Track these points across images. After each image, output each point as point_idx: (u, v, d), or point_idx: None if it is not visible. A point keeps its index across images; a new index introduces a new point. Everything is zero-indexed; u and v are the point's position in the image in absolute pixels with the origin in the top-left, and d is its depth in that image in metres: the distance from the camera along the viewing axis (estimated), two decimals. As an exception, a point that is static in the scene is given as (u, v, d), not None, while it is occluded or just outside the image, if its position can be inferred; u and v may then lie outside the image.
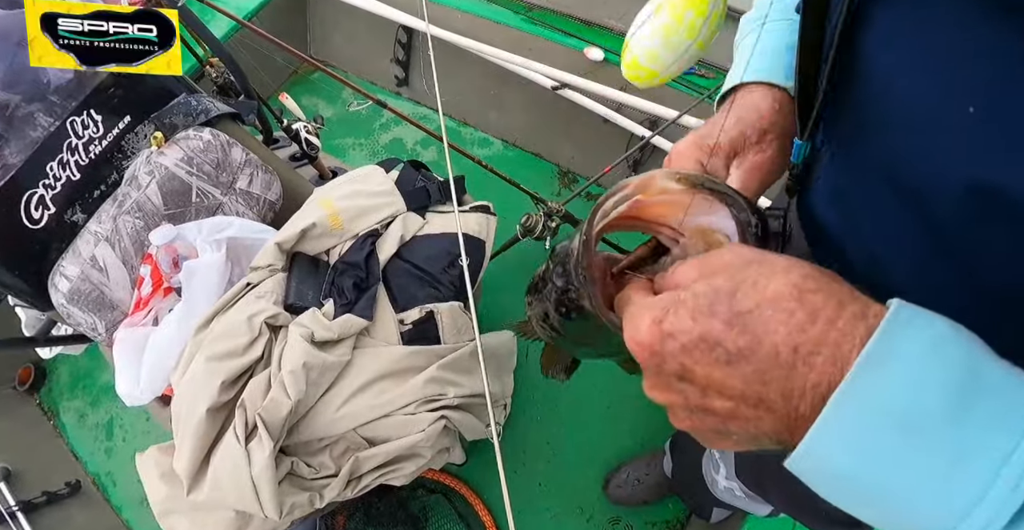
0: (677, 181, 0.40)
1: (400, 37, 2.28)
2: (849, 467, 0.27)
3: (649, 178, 0.40)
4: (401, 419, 1.09)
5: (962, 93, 0.34)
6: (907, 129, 0.38)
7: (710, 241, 0.41)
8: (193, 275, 1.14)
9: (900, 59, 0.38)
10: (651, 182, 0.40)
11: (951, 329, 0.27)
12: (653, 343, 0.31)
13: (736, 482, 1.05)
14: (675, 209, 0.41)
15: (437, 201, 1.35)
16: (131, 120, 1.21)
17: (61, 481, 1.93)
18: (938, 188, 0.37)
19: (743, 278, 0.30)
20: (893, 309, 0.27)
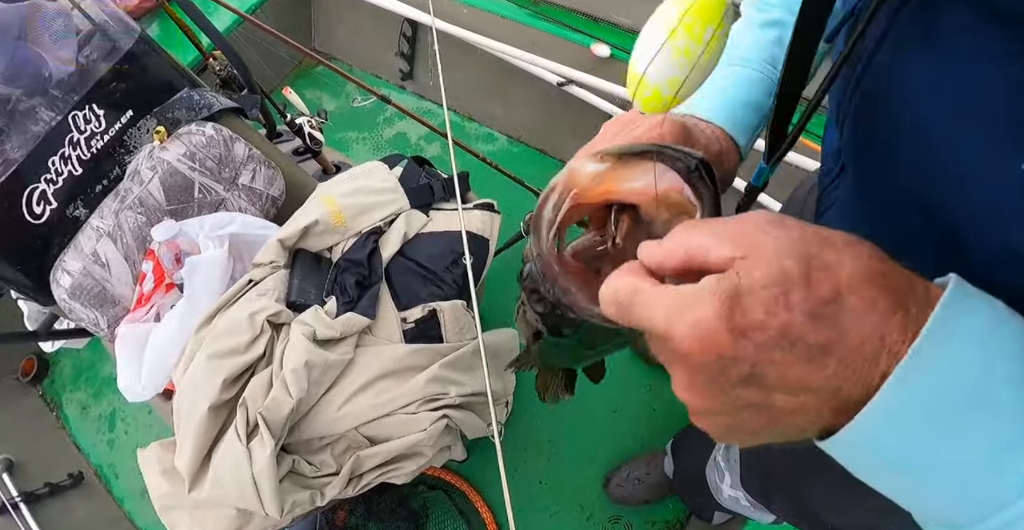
0: (601, 160, 0.38)
1: (405, 31, 2.26)
2: (906, 441, 0.26)
3: (571, 171, 0.38)
4: (403, 418, 1.09)
5: (1013, 150, 0.32)
6: (948, 177, 0.37)
7: (668, 202, 0.38)
8: (195, 271, 1.13)
9: (940, 107, 0.36)
10: (576, 174, 0.38)
11: (1006, 308, 0.27)
12: (722, 345, 0.26)
13: (741, 491, 1.05)
14: (617, 187, 0.39)
15: (441, 198, 1.34)
16: (133, 114, 1.20)
17: (63, 472, 1.94)
18: (979, 236, 0.36)
19: (810, 259, 0.26)
20: (951, 286, 0.26)
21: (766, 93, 0.63)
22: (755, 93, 0.62)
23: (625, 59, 1.73)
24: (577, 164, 0.38)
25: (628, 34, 1.89)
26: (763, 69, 0.64)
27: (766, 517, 1.09)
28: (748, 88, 0.62)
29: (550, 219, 0.38)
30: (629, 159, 0.37)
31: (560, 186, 0.38)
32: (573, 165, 0.39)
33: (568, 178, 0.38)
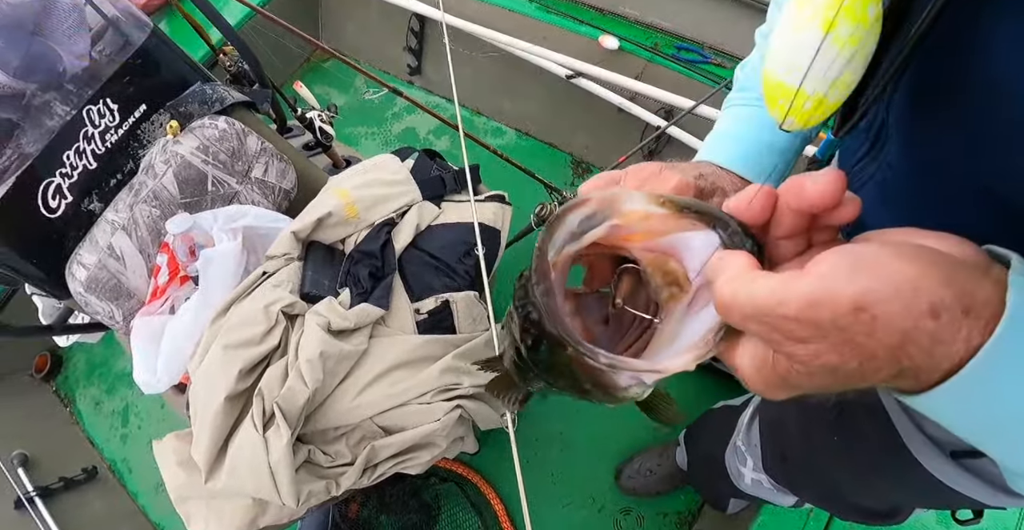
0: (661, 205, 0.34)
1: (413, 25, 2.26)
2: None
3: (618, 199, 0.35)
4: (417, 408, 1.10)
5: None
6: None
7: (667, 271, 0.37)
8: (210, 264, 1.14)
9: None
10: (625, 207, 0.35)
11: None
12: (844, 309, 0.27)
13: (764, 474, 1.05)
14: (651, 236, 0.36)
15: (452, 190, 1.34)
16: (147, 109, 1.21)
17: (78, 467, 1.96)
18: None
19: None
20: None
21: (791, 135, 0.61)
22: (776, 136, 0.60)
23: (634, 51, 1.73)
24: (630, 197, 0.35)
25: (636, 26, 1.89)
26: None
27: (787, 500, 1.09)
28: (768, 131, 0.60)
29: (571, 230, 0.35)
30: (689, 215, 0.34)
31: (597, 205, 0.35)
32: (622, 196, 0.35)
33: (612, 204, 0.35)
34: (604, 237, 0.36)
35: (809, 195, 0.31)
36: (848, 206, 0.32)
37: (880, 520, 0.89)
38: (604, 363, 0.34)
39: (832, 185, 0.31)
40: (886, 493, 0.81)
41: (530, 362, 0.40)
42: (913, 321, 0.26)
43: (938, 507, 0.74)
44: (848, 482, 0.85)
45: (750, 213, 0.34)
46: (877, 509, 0.88)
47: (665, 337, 0.37)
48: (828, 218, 0.33)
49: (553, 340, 0.35)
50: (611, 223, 0.35)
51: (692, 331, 0.35)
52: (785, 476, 1.01)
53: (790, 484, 1.02)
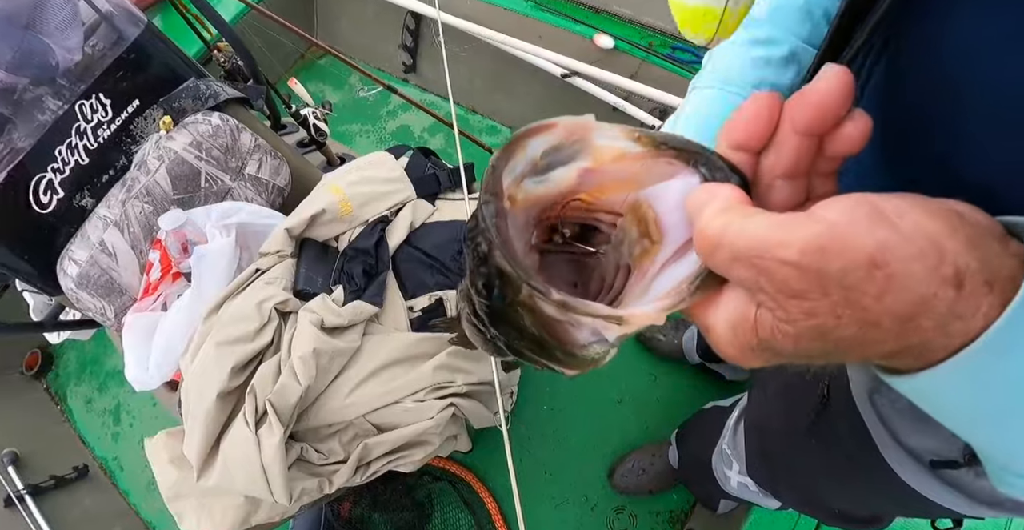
0: (636, 140, 0.30)
1: (408, 23, 2.26)
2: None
3: (588, 130, 0.31)
4: (410, 406, 1.09)
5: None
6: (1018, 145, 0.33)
7: (639, 215, 0.32)
8: (202, 260, 1.13)
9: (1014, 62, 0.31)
10: (597, 144, 0.31)
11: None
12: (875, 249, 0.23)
13: (750, 478, 1.05)
14: (627, 182, 0.32)
15: (447, 188, 1.34)
16: (140, 104, 1.21)
17: (69, 465, 1.95)
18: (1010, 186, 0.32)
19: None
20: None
21: None
22: None
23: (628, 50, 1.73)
24: (601, 130, 0.31)
25: (631, 25, 1.89)
26: (745, 93, 0.59)
27: (773, 503, 1.09)
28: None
29: (533, 159, 0.31)
30: (667, 152, 0.30)
31: (565, 133, 0.30)
32: (593, 127, 0.31)
33: (582, 136, 0.31)
34: (574, 188, 0.32)
35: (817, 93, 0.27)
36: (857, 121, 0.28)
37: (862, 525, 0.89)
38: (556, 301, 0.29)
39: (840, 78, 0.26)
40: (866, 500, 0.82)
41: (484, 316, 0.36)
42: (934, 287, 0.22)
43: (917, 515, 0.74)
44: (829, 489, 0.85)
45: (755, 122, 0.29)
46: (858, 515, 0.88)
47: (633, 297, 0.33)
48: (835, 143, 0.28)
49: (504, 278, 0.30)
50: (581, 165, 0.31)
51: (663, 283, 0.31)
52: (768, 480, 1.01)
53: (773, 488, 1.02)
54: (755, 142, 0.30)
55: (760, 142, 0.30)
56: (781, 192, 0.30)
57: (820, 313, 0.24)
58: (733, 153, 0.31)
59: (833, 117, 0.27)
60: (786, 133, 0.29)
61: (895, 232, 0.23)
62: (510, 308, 0.32)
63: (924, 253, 0.22)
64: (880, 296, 0.23)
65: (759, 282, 0.25)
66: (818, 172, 0.31)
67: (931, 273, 0.22)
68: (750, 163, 0.31)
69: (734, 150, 0.31)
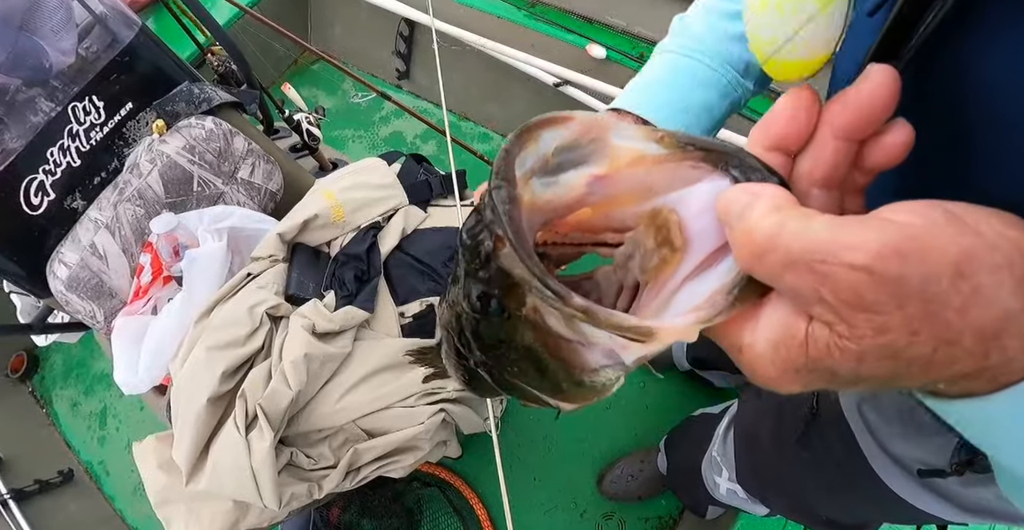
0: (659, 141, 0.27)
1: (402, 30, 2.27)
2: None
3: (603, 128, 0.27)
4: (401, 411, 1.09)
5: None
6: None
7: (659, 222, 0.28)
8: (194, 264, 1.13)
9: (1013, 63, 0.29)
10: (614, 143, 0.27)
11: None
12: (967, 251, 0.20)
13: (739, 485, 1.06)
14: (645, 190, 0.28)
15: (439, 195, 1.34)
16: (133, 107, 1.21)
17: (53, 470, 1.93)
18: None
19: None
20: None
21: (720, 94, 0.57)
22: (710, 96, 0.56)
23: (620, 61, 1.74)
24: (619, 129, 0.27)
25: (623, 36, 1.91)
26: (718, 66, 0.57)
27: (761, 509, 1.10)
28: (703, 89, 0.56)
29: (544, 155, 0.27)
30: (693, 154, 0.27)
31: (580, 130, 0.27)
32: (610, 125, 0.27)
33: (598, 134, 0.27)
34: (581, 199, 0.28)
35: (861, 94, 0.24)
36: (899, 131, 0.25)
37: None
38: (577, 307, 0.24)
39: (887, 79, 0.24)
40: (853, 508, 0.83)
41: (473, 337, 0.31)
42: (1022, 300, 0.20)
43: (903, 522, 0.75)
44: (817, 496, 0.86)
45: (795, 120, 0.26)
46: (845, 522, 0.89)
47: (649, 312, 0.29)
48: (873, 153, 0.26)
49: (509, 283, 0.26)
50: (591, 172, 0.28)
51: (687, 297, 0.27)
52: (757, 487, 1.02)
53: (762, 495, 1.03)
54: (794, 142, 0.27)
55: (799, 142, 0.27)
56: (817, 202, 0.27)
57: (893, 329, 0.20)
58: (766, 154, 0.28)
59: (876, 122, 0.25)
60: (825, 136, 0.26)
61: (979, 239, 0.20)
62: (509, 324, 0.28)
63: (1012, 263, 0.20)
64: (964, 310, 0.20)
65: (818, 291, 0.21)
66: (847, 187, 0.28)
67: (1019, 285, 0.20)
68: (784, 167, 0.28)
69: (768, 151, 0.28)
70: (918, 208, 0.21)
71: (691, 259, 0.27)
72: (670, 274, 0.28)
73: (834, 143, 0.26)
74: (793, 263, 0.21)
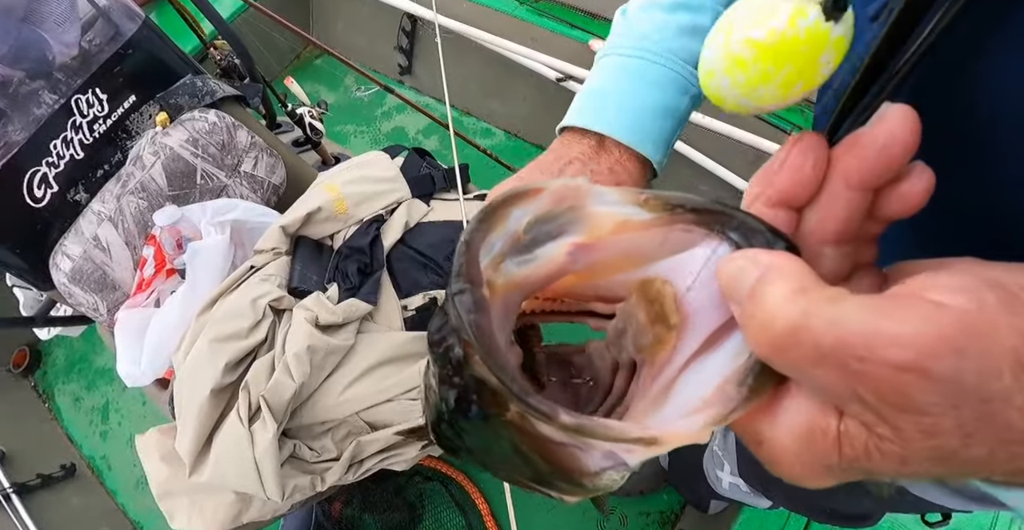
0: (643, 204, 0.24)
1: (404, 25, 2.27)
2: None
3: (580, 194, 0.25)
4: (404, 404, 1.10)
5: None
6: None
7: (651, 295, 0.26)
8: (197, 256, 1.13)
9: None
10: (589, 202, 0.25)
11: None
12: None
13: (741, 478, 1.06)
14: (632, 258, 0.26)
15: (442, 188, 1.34)
16: (136, 100, 1.21)
17: (56, 464, 1.93)
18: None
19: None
20: None
21: (679, 91, 0.52)
22: (667, 95, 0.52)
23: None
24: (598, 194, 0.25)
25: (627, 31, 1.90)
26: (670, 63, 0.52)
27: (764, 502, 1.10)
28: (659, 90, 0.52)
29: (514, 234, 0.24)
30: (682, 217, 0.24)
31: (553, 199, 0.24)
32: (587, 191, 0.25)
33: (574, 202, 0.25)
34: (562, 269, 0.26)
35: (879, 138, 0.21)
36: (919, 177, 0.22)
37: (852, 523, 0.90)
38: (565, 424, 0.21)
39: (907, 121, 0.21)
40: (856, 498, 0.83)
41: (456, 433, 0.28)
42: None
43: (908, 512, 0.75)
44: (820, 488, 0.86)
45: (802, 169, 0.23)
46: (849, 513, 0.89)
47: (648, 402, 0.26)
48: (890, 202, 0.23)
49: (485, 391, 0.23)
50: (571, 241, 0.25)
51: (696, 385, 0.24)
52: (759, 480, 1.02)
53: (764, 488, 1.03)
54: (802, 195, 0.24)
55: (808, 195, 0.24)
56: (830, 262, 0.24)
57: (943, 432, 0.18)
58: (767, 211, 0.24)
59: (895, 169, 0.22)
60: (837, 188, 0.23)
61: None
62: (493, 427, 0.24)
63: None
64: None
65: (855, 391, 0.18)
66: (859, 238, 0.25)
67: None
68: (789, 224, 0.24)
69: (770, 207, 0.24)
70: (962, 283, 0.18)
71: (692, 338, 0.24)
72: (668, 355, 0.25)
73: (847, 194, 0.23)
74: (823, 359, 0.18)
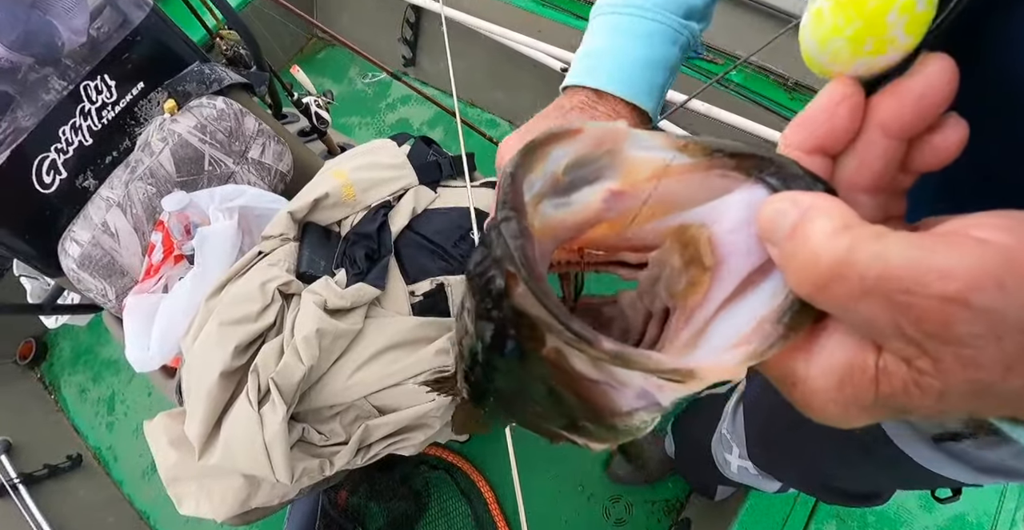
0: (683, 149, 0.24)
1: (409, 16, 2.27)
2: None
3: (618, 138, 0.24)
4: (412, 388, 1.10)
5: None
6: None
7: (685, 239, 0.26)
8: (205, 242, 1.13)
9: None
10: (627, 146, 0.24)
11: None
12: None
13: (750, 461, 1.06)
14: (667, 205, 0.26)
15: (448, 176, 1.35)
16: (144, 86, 1.21)
17: (62, 455, 1.94)
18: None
19: None
20: None
21: (668, 42, 0.54)
22: (657, 47, 0.54)
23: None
24: (635, 138, 0.24)
25: (631, 21, 1.90)
26: (657, 15, 0.54)
27: (772, 485, 1.10)
28: (648, 42, 0.54)
29: (554, 173, 0.24)
30: (720, 161, 0.24)
31: (592, 142, 0.24)
32: (625, 135, 0.24)
33: (612, 146, 0.24)
34: (597, 216, 0.26)
35: (917, 87, 0.21)
36: (954, 128, 0.23)
37: (862, 502, 0.90)
38: (607, 351, 0.21)
39: (946, 70, 0.21)
40: (868, 478, 0.83)
41: (487, 376, 0.28)
42: None
43: (918, 488, 0.75)
44: (830, 467, 0.86)
45: (839, 116, 0.23)
46: (859, 492, 0.89)
47: (681, 344, 0.25)
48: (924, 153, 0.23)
49: (525, 323, 0.22)
50: (607, 187, 0.25)
51: (730, 327, 0.23)
52: (769, 462, 1.02)
53: (774, 470, 1.03)
54: (839, 141, 0.24)
55: (844, 141, 0.24)
56: (863, 211, 0.23)
57: (985, 364, 0.18)
58: (804, 157, 0.25)
59: (930, 119, 0.22)
60: (873, 136, 0.23)
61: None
62: (528, 365, 0.24)
63: None
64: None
65: (898, 324, 0.19)
66: (891, 189, 0.25)
67: None
68: (824, 172, 0.24)
69: (806, 154, 0.25)
70: (1004, 222, 0.19)
71: (726, 281, 0.24)
72: (701, 297, 0.25)
73: (884, 142, 0.23)
74: (869, 293, 0.19)
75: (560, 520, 1.63)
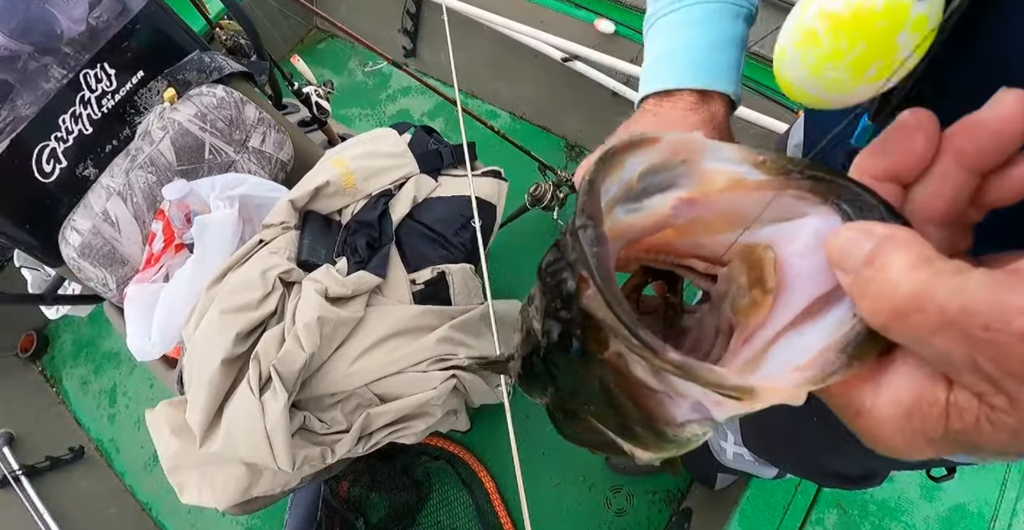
0: (759, 165, 0.24)
1: (409, 7, 2.26)
2: None
3: (695, 149, 0.25)
4: (413, 376, 1.10)
5: None
6: None
7: (752, 260, 0.26)
8: (206, 230, 1.13)
9: None
10: (704, 158, 0.25)
11: None
12: None
13: (745, 448, 1.06)
14: (736, 219, 0.26)
15: (449, 164, 1.34)
16: (144, 75, 1.21)
17: (64, 446, 1.94)
18: None
19: None
20: None
21: (732, 17, 0.54)
22: (719, 27, 0.54)
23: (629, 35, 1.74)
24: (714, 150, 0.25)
25: (632, 11, 1.89)
26: (745, 3, 0.54)
27: (769, 471, 1.10)
28: (709, 26, 0.54)
29: (629, 181, 0.25)
30: (796, 182, 0.24)
31: (668, 151, 0.25)
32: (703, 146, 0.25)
33: (688, 156, 0.25)
34: (663, 221, 0.26)
35: (995, 121, 0.21)
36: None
37: (858, 484, 0.90)
38: (674, 361, 0.21)
39: (1021, 99, 0.21)
40: (862, 459, 0.83)
41: (547, 370, 0.29)
42: None
43: (914, 468, 0.74)
44: (825, 451, 0.86)
45: (915, 144, 0.23)
46: (855, 474, 0.89)
47: (740, 363, 0.25)
48: (999, 187, 0.23)
49: (591, 327, 0.24)
50: (678, 195, 0.25)
51: (792, 352, 0.24)
52: (764, 448, 1.02)
53: (769, 455, 1.03)
54: (913, 170, 0.24)
55: (918, 171, 0.24)
56: (931, 243, 0.22)
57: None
58: (876, 184, 0.24)
59: (1007, 153, 0.22)
60: (948, 167, 0.23)
61: None
62: (589, 365, 0.25)
63: None
64: None
65: (974, 359, 0.18)
66: (960, 223, 0.25)
67: None
68: (897, 199, 0.24)
69: (879, 181, 0.24)
70: None
71: (790, 305, 0.24)
72: (761, 319, 0.25)
73: (958, 174, 0.23)
74: (946, 326, 0.19)
75: (561, 510, 1.63)
